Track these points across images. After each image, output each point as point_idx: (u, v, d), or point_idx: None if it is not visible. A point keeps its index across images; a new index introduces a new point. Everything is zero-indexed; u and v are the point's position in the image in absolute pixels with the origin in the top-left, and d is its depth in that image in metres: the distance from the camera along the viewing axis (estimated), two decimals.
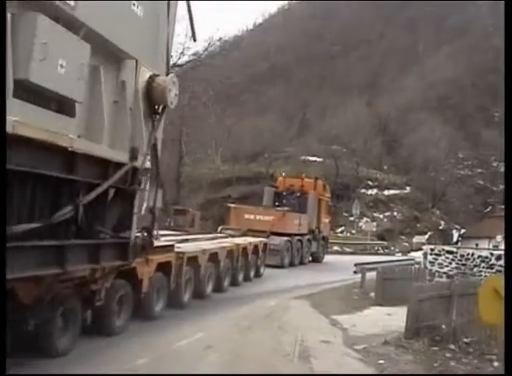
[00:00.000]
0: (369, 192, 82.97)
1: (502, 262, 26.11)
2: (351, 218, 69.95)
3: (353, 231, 69.41)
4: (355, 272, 30.27)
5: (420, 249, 47.15)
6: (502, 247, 43.83)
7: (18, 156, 8.04)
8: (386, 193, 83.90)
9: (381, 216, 79.15)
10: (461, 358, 13.76)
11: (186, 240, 20.74)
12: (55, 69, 8.58)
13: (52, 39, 8.41)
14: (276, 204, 37.97)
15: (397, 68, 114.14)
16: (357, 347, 14.26)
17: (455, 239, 73.32)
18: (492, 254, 26.74)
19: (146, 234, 12.63)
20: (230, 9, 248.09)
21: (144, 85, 12.11)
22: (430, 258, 26.96)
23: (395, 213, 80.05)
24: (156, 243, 14.04)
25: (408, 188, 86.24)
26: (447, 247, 28.55)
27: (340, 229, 69.85)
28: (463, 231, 75.54)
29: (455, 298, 17.41)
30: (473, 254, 26.71)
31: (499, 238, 52.37)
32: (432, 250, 27.36)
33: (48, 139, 8.64)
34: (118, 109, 11.41)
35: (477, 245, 49.96)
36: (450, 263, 26.61)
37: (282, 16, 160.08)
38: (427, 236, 72.82)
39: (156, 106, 12.58)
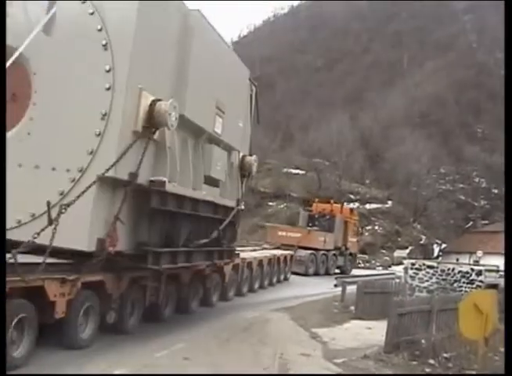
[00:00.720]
0: (351, 205, 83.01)
1: (482, 277, 26.20)
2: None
3: None
4: (336, 285, 30.33)
5: (401, 263, 47.38)
6: (483, 262, 44.06)
7: (202, 209, 16.01)
8: (368, 206, 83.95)
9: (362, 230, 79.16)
10: (440, 373, 13.76)
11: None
12: (217, 168, 16.98)
13: (216, 154, 16.94)
14: (310, 224, 45.58)
15: (381, 82, 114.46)
16: (337, 361, 14.22)
17: (436, 254, 73.49)
18: (472, 270, 26.82)
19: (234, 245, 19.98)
20: (215, 21, 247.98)
21: (239, 162, 19.96)
22: (410, 272, 27.00)
23: (377, 227, 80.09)
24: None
25: (389, 202, 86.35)
26: (428, 262, 28.64)
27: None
28: (443, 246, 75.69)
29: (435, 313, 17.45)
30: (453, 270, 26.78)
31: (480, 253, 52.55)
32: (413, 264, 27.42)
33: (211, 199, 16.75)
34: (230, 178, 19.01)
35: (457, 260, 50.16)
36: (431, 278, 26.67)
37: (267, 28, 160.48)
38: (408, 251, 72.91)
39: (246, 173, 20.41)
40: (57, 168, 12.24)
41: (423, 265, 27.24)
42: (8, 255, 10.39)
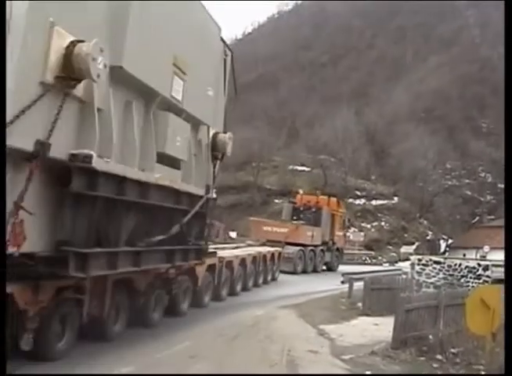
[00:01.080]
0: (357, 202, 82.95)
1: (489, 272, 26.17)
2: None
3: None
4: (343, 282, 30.25)
5: (408, 259, 47.21)
6: (490, 257, 44.00)
7: (155, 196, 12.86)
8: (374, 203, 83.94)
9: (369, 226, 79.18)
10: (448, 368, 13.76)
11: (217, 249, 23.11)
12: (176, 144, 13.71)
13: (174, 126, 13.57)
14: (294, 218, 42.50)
15: (385, 78, 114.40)
16: (344, 357, 14.23)
17: (442, 249, 73.35)
18: (479, 265, 26.80)
19: (204, 243, 16.66)
20: (219, 18, 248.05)
21: (211, 141, 16.81)
22: (417, 268, 27.00)
23: (383, 223, 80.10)
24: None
25: (396, 198, 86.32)
26: (434, 258, 28.61)
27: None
28: (450, 241, 75.59)
29: (442, 309, 17.42)
30: (460, 265, 26.76)
31: (487, 248, 52.49)
32: (419, 260, 27.42)
33: (169, 184, 13.57)
34: (197, 159, 15.90)
35: (464, 255, 50.08)
36: (437, 273, 26.66)
37: (271, 25, 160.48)
38: (414, 247, 72.87)
39: (219, 155, 17.23)
40: None
41: (430, 260, 27.23)
42: None
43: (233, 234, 54.21)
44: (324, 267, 42.69)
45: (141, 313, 15.19)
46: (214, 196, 17.35)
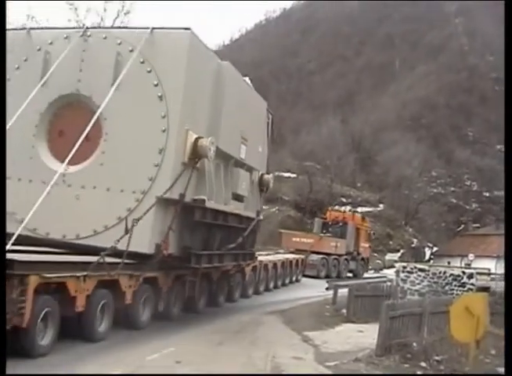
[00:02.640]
0: (343, 209, 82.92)
1: (473, 280, 26.24)
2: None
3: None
4: (327, 288, 30.36)
5: (393, 266, 47.48)
6: (474, 265, 44.06)
7: (230, 220, 19.57)
8: (359, 210, 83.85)
9: None
10: (425, 375, 13.80)
11: None
12: (242, 186, 20.45)
13: (241, 175, 20.39)
14: (324, 231, 48.24)
15: (372, 86, 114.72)
16: (328, 364, 14.23)
17: (427, 257, 73.66)
18: (463, 273, 26.84)
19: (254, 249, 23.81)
20: (207, 24, 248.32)
21: (259, 180, 23.53)
22: (402, 275, 27.00)
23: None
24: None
25: (381, 205, 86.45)
26: (419, 265, 28.63)
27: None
28: (435, 249, 75.90)
29: (426, 316, 17.46)
30: (445, 273, 26.80)
31: (471, 256, 52.68)
32: (404, 267, 27.42)
33: (238, 212, 20.36)
34: (252, 193, 22.53)
35: (449, 263, 50.22)
36: (422, 281, 26.66)
37: (258, 31, 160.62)
38: (399, 254, 73.02)
39: (264, 188, 24.05)
40: (125, 191, 15.86)
41: (415, 268, 27.25)
42: (96, 257, 14.00)
43: None
44: (350, 274, 47.19)
45: (214, 297, 22.24)
46: (261, 217, 24.14)
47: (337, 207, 75.67)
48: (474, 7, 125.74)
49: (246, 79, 21.94)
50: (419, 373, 13.95)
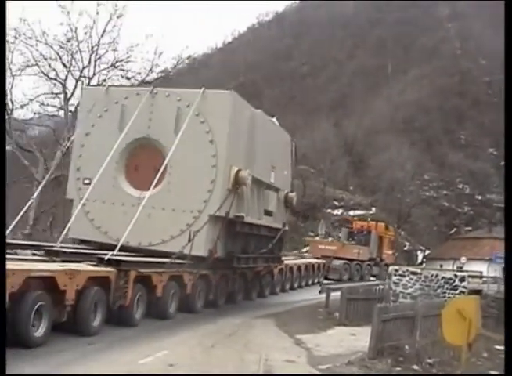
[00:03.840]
0: (335, 212, 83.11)
1: (465, 283, 26.31)
2: (317, 238, 69.94)
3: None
4: (320, 291, 30.43)
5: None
6: (466, 268, 44.13)
7: (262, 230, 25.86)
8: (352, 213, 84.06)
9: None
10: (420, 375, 13.83)
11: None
12: (271, 204, 26.42)
13: (271, 196, 26.40)
14: (349, 239, 53.31)
15: (365, 89, 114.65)
16: (321, 367, 14.25)
17: (419, 260, 73.68)
18: (456, 276, 26.90)
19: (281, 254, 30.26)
20: (200, 26, 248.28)
21: (284, 198, 28.74)
22: (394, 278, 27.05)
23: None
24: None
25: (373, 209, 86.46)
26: (411, 268, 28.68)
27: (305, 249, 69.78)
28: (427, 252, 75.88)
29: (418, 319, 17.51)
30: (437, 276, 26.86)
31: (464, 259, 52.78)
32: (397, 271, 27.47)
33: (268, 224, 26.46)
34: (279, 209, 27.80)
35: (441, 266, 50.36)
36: (414, 284, 26.71)
37: (251, 34, 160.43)
38: None
39: (288, 204, 29.46)
40: (186, 210, 21.43)
41: (407, 271, 27.29)
42: (164, 259, 19.97)
43: None
44: (373, 278, 49.27)
45: (248, 293, 28.02)
46: (287, 228, 29.46)
47: (329, 211, 76.13)
48: (467, 11, 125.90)
49: (274, 119, 27.97)
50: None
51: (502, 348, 18.05)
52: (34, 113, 40.22)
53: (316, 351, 16.56)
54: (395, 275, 27.14)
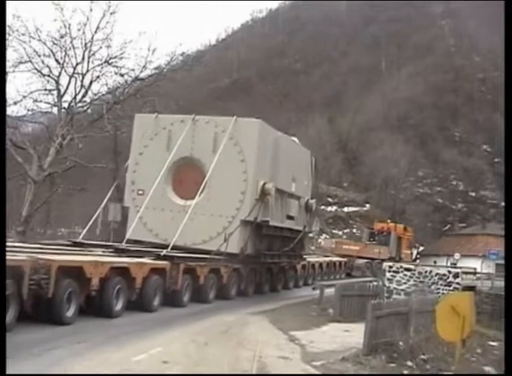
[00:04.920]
0: (329, 209, 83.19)
1: (459, 279, 26.30)
2: (311, 235, 69.77)
3: (312, 248, 69.30)
4: (314, 288, 30.40)
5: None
6: (460, 264, 44.13)
7: (285, 232, 30.41)
8: (346, 210, 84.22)
9: (340, 233, 79.39)
10: (419, 375, 13.79)
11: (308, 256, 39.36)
12: (293, 209, 31.03)
13: (292, 203, 30.82)
14: (371, 239, 57.68)
15: (359, 86, 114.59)
16: (315, 363, 14.21)
17: (413, 256, 73.77)
18: (449, 272, 26.87)
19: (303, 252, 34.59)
20: (193, 23, 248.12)
21: (304, 204, 32.66)
22: (388, 275, 27.01)
23: (354, 230, 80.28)
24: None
25: (367, 205, 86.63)
26: (405, 265, 28.65)
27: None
28: (421, 248, 75.87)
29: (412, 315, 17.48)
30: (431, 272, 26.79)
31: (457, 256, 52.96)
32: (390, 267, 27.42)
33: (290, 227, 30.94)
34: (300, 214, 32.05)
35: (435, 262, 50.54)
36: (408, 280, 26.65)
37: (245, 31, 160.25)
38: None
39: (308, 209, 33.19)
40: (222, 216, 25.99)
41: (401, 267, 27.24)
42: (206, 255, 24.27)
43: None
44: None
45: (273, 285, 31.76)
46: (306, 230, 33.26)
47: (323, 208, 76.18)
48: (461, 9, 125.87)
49: (295, 139, 33.18)
50: (405, 372, 13.97)
51: (495, 344, 18.12)
52: (28, 110, 39.60)
53: (310, 347, 16.50)
54: (389, 271, 27.11)
